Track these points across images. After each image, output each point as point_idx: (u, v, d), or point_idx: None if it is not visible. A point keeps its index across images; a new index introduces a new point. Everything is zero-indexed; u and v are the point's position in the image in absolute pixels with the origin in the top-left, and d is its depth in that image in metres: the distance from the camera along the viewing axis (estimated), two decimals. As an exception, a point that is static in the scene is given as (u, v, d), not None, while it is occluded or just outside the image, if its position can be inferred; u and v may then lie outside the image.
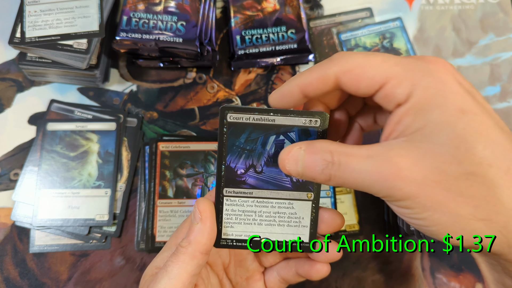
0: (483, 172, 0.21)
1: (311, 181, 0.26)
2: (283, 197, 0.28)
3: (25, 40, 0.44)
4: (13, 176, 0.46)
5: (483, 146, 0.22)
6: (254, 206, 0.28)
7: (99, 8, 0.46)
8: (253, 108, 0.27)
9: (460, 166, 0.21)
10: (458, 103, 0.22)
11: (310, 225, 0.29)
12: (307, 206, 0.29)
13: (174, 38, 0.46)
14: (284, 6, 0.50)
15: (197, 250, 0.26)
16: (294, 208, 0.29)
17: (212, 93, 0.50)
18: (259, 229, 0.29)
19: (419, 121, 0.22)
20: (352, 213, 0.45)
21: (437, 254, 0.45)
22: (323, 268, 0.30)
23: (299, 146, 0.25)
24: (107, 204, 0.44)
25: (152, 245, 0.43)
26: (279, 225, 0.29)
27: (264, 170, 0.28)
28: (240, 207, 0.28)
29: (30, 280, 0.43)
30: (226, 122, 0.27)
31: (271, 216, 0.29)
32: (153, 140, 0.46)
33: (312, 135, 0.27)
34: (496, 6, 0.54)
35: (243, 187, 0.28)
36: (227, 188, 0.28)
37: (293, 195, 0.28)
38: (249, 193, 0.28)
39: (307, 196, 0.28)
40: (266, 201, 0.28)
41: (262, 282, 0.33)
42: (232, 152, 0.28)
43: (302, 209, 0.29)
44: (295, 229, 0.29)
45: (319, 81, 0.25)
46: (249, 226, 0.29)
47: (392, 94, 0.23)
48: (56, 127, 0.46)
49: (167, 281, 0.26)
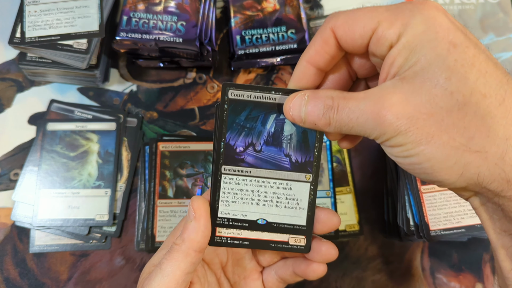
0: (476, 102, 0.21)
1: (311, 128, 0.26)
2: (281, 177, 0.28)
3: (25, 40, 0.44)
4: (13, 176, 0.46)
5: (476, 77, 0.21)
6: (251, 186, 0.28)
7: (99, 8, 0.46)
8: (255, 86, 0.27)
9: (452, 97, 0.21)
10: (449, 37, 0.22)
11: (308, 208, 0.28)
12: (305, 188, 0.28)
13: (174, 38, 0.46)
14: (284, 6, 0.50)
15: (191, 248, 0.26)
16: (292, 190, 0.28)
17: (212, 93, 0.50)
18: (256, 209, 0.28)
19: (411, 59, 0.22)
20: (352, 213, 0.45)
21: (437, 254, 0.45)
22: (319, 268, 0.30)
23: (304, 93, 0.26)
24: (107, 204, 0.44)
25: (152, 245, 0.43)
26: (276, 206, 0.28)
27: (264, 149, 0.28)
28: (238, 186, 0.28)
29: (30, 280, 0.43)
30: (227, 98, 0.27)
31: (269, 196, 0.28)
32: (153, 140, 0.46)
33: None
34: (496, 6, 0.54)
35: (241, 166, 0.28)
36: (225, 165, 0.28)
37: (292, 176, 0.28)
38: (248, 172, 0.28)
39: (305, 177, 0.28)
40: (264, 181, 0.28)
41: (260, 282, 0.33)
42: (232, 129, 0.28)
43: (300, 190, 0.28)
44: (293, 211, 0.28)
45: (322, 44, 0.25)
46: (246, 206, 0.28)
47: (384, 36, 0.23)
48: (56, 127, 0.46)
49: (161, 278, 0.26)
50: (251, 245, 0.29)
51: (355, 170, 0.47)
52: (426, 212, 0.41)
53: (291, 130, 0.28)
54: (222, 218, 0.28)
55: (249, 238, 0.29)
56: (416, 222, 0.41)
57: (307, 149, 0.28)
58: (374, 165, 0.48)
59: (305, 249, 0.29)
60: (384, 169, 0.47)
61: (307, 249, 0.29)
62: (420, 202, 0.41)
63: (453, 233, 0.40)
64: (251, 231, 0.29)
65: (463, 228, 0.40)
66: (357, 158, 0.48)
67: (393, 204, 0.44)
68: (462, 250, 0.45)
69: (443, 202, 0.41)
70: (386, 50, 0.23)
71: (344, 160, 0.47)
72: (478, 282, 0.44)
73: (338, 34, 0.25)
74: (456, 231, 0.40)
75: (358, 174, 0.47)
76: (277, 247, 0.29)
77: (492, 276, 0.44)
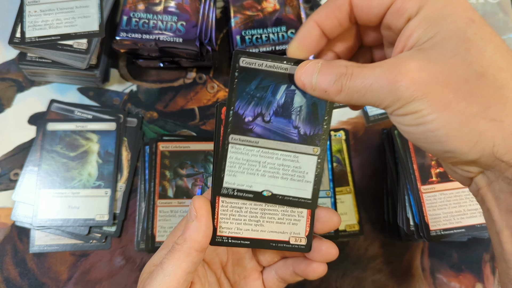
0: (494, 74, 0.21)
1: (321, 96, 0.26)
2: (289, 149, 0.28)
3: (25, 40, 0.44)
4: (13, 176, 0.46)
5: (493, 51, 0.22)
6: (258, 156, 0.28)
7: (99, 8, 0.46)
8: (267, 55, 0.27)
9: (470, 67, 0.21)
10: (468, 13, 0.22)
11: (314, 181, 0.28)
12: (312, 160, 0.28)
13: (174, 38, 0.46)
14: (284, 6, 0.50)
15: (192, 247, 0.26)
16: (299, 162, 0.28)
17: (212, 93, 0.50)
18: (262, 180, 0.28)
19: (430, 31, 0.22)
20: (352, 213, 0.45)
21: (437, 254, 0.45)
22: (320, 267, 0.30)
23: (317, 60, 0.26)
24: (107, 204, 0.44)
25: (152, 245, 0.43)
26: (283, 178, 0.28)
27: (272, 120, 0.28)
28: (245, 156, 0.28)
29: (30, 280, 0.43)
30: (238, 66, 0.27)
31: (275, 168, 0.28)
32: (153, 140, 0.46)
33: None
34: (496, 6, 0.54)
35: (249, 135, 0.28)
36: (233, 134, 0.28)
37: (299, 148, 0.28)
38: (255, 142, 0.28)
39: (313, 150, 0.28)
40: (271, 152, 0.28)
41: (261, 281, 0.33)
42: (241, 98, 0.27)
43: (307, 163, 0.28)
44: (298, 184, 0.28)
45: (334, 9, 0.25)
46: (252, 176, 0.28)
47: (403, 8, 0.23)
48: (56, 127, 0.46)
49: (162, 278, 0.26)
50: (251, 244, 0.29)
51: (355, 170, 0.47)
52: (426, 212, 0.41)
53: (301, 102, 0.28)
54: (227, 188, 0.28)
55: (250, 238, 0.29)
56: (416, 222, 0.41)
57: (316, 122, 0.28)
58: (374, 165, 0.48)
59: (306, 249, 0.29)
60: (384, 169, 0.47)
61: (308, 249, 0.29)
62: (420, 202, 0.41)
63: (453, 233, 0.40)
64: (252, 228, 0.29)
65: (463, 228, 0.41)
66: (357, 158, 0.48)
67: (393, 204, 0.44)
68: (462, 250, 0.45)
69: (443, 202, 0.41)
70: (404, 22, 0.24)
71: (344, 160, 0.47)
72: (478, 282, 0.44)
73: (354, 1, 0.25)
74: (456, 231, 0.40)
75: (358, 174, 0.47)
76: (277, 246, 0.29)
77: (492, 276, 0.44)
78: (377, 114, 0.49)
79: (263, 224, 0.29)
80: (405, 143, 0.43)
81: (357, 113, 0.50)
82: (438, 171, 0.42)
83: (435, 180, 0.42)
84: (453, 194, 0.41)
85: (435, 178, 0.42)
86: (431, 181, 0.42)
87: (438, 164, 0.42)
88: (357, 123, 0.49)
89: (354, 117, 0.49)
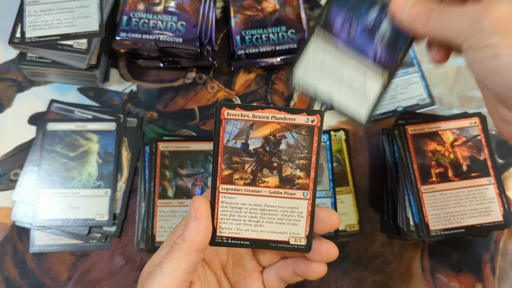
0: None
1: (407, 26, 0.29)
2: (362, 63, 0.31)
3: (25, 40, 0.44)
4: (13, 176, 0.46)
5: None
6: (334, 60, 0.31)
7: (99, 8, 0.46)
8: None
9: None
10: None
11: (373, 105, 0.31)
12: (377, 85, 0.31)
13: (174, 38, 0.46)
14: (284, 6, 0.50)
15: (192, 247, 0.26)
16: (366, 80, 0.31)
17: (212, 93, 0.50)
18: (328, 81, 0.31)
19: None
20: (352, 213, 0.45)
21: (437, 254, 0.45)
22: (320, 267, 0.30)
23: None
24: (107, 204, 0.44)
25: (152, 245, 0.43)
26: (347, 87, 0.31)
27: (357, 35, 0.32)
28: (322, 56, 0.31)
29: (30, 280, 0.43)
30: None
31: (346, 75, 0.31)
32: (153, 140, 0.46)
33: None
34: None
35: (335, 42, 0.31)
36: (320, 28, 0.31)
37: (371, 67, 0.31)
38: (335, 46, 0.32)
39: (381, 74, 0.31)
40: (347, 59, 0.31)
41: (261, 282, 0.33)
42: (335, 10, 0.31)
43: (372, 85, 0.31)
44: (359, 99, 0.31)
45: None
46: (323, 76, 0.31)
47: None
48: (56, 127, 0.46)
49: (161, 278, 0.26)
50: (251, 245, 0.29)
51: (355, 170, 0.47)
52: (426, 212, 0.41)
53: (387, 29, 0.31)
54: (300, 78, 0.31)
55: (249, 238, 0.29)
56: (416, 222, 0.41)
57: (394, 52, 0.31)
58: (374, 165, 0.48)
59: (306, 249, 0.29)
60: (384, 169, 0.47)
61: (308, 249, 0.29)
62: (420, 202, 0.41)
63: (453, 233, 0.40)
64: (252, 228, 0.29)
65: (463, 228, 0.40)
66: (357, 158, 0.48)
67: (393, 204, 0.44)
68: (462, 250, 0.45)
69: (443, 202, 0.41)
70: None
71: (344, 160, 0.47)
72: (478, 282, 0.44)
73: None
74: (456, 231, 0.40)
75: (358, 174, 0.47)
76: (277, 246, 0.29)
77: (492, 276, 0.45)
78: (377, 114, 0.49)
79: (263, 225, 0.29)
80: (405, 143, 0.43)
81: (357, 113, 0.50)
82: (438, 171, 0.42)
83: (435, 180, 0.42)
84: (453, 194, 0.41)
85: (435, 178, 0.42)
86: (431, 181, 0.42)
87: (438, 164, 0.42)
88: (357, 123, 0.49)
89: (354, 117, 0.49)
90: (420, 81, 0.50)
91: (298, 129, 0.29)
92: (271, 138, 0.29)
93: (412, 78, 0.51)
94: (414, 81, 0.50)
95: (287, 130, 0.28)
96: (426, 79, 0.50)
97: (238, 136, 0.29)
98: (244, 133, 0.29)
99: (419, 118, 0.45)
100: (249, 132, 0.29)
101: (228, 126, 0.29)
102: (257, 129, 0.29)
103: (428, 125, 0.43)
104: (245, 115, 0.28)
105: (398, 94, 0.50)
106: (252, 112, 0.28)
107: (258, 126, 0.29)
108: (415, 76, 0.51)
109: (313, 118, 0.28)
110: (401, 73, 0.51)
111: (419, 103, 0.50)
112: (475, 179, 0.42)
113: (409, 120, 0.45)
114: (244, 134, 0.29)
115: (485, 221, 0.40)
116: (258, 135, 0.29)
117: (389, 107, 0.50)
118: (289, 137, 0.29)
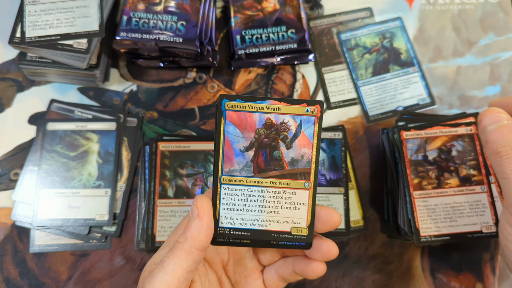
0: None
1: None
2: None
3: (25, 40, 0.44)
4: (13, 176, 0.46)
5: None
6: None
7: (99, 8, 0.46)
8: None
9: None
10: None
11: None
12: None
13: (174, 38, 0.46)
14: (284, 6, 0.50)
15: (193, 246, 0.26)
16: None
17: (212, 93, 0.50)
18: None
19: None
20: (356, 209, 0.45)
21: (437, 254, 0.45)
22: (319, 266, 0.30)
23: (508, 116, 0.30)
24: (107, 204, 0.44)
25: (152, 245, 0.43)
26: None
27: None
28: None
29: (30, 280, 0.43)
30: None
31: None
32: (153, 140, 0.46)
33: None
34: (496, 6, 0.54)
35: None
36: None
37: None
38: None
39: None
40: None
41: (261, 281, 0.33)
42: None
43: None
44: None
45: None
46: None
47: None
48: (56, 127, 0.46)
49: (163, 276, 0.26)
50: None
51: (355, 170, 0.47)
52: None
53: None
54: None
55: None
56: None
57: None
58: (374, 165, 0.48)
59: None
60: (384, 169, 0.47)
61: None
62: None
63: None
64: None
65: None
66: (357, 158, 0.48)
67: (393, 204, 0.44)
68: (462, 250, 0.45)
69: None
70: None
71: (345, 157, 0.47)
72: (478, 282, 0.44)
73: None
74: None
75: (358, 174, 0.47)
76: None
77: (492, 276, 0.45)
78: (377, 114, 0.49)
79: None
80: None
81: (357, 113, 0.50)
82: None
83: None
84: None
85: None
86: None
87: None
88: (357, 122, 0.49)
89: (354, 116, 0.49)
90: (420, 81, 0.50)
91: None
92: None
93: (412, 78, 0.51)
94: (414, 81, 0.50)
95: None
96: (426, 79, 0.51)
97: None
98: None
99: (418, 119, 0.45)
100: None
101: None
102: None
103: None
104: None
105: (398, 94, 0.50)
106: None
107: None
108: (415, 76, 0.51)
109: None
110: (401, 73, 0.51)
111: (419, 103, 0.50)
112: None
113: (409, 120, 0.45)
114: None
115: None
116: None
117: (389, 107, 0.50)
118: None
